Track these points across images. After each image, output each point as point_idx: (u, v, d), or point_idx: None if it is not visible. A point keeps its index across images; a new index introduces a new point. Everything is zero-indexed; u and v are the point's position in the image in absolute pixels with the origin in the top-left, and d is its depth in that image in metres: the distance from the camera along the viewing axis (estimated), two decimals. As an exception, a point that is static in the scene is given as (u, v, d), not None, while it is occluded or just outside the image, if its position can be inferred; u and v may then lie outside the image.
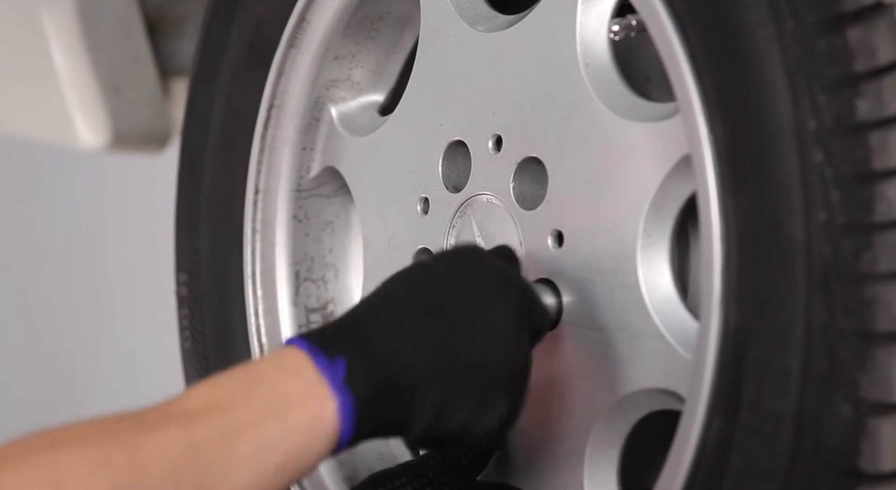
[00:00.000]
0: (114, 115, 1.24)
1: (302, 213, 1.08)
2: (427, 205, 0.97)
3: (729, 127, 0.74)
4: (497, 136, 0.91)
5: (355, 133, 1.05)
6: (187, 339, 1.15)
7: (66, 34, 1.21)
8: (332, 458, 1.02)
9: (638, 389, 0.82)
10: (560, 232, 0.87)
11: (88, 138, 1.24)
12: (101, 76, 1.23)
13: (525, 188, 0.89)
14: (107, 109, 1.24)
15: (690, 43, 0.76)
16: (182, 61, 1.31)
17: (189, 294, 1.14)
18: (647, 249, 0.82)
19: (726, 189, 0.74)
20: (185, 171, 1.14)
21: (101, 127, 1.24)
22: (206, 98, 1.11)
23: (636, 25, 0.82)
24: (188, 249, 1.14)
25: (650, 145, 0.81)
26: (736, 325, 0.74)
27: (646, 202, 0.81)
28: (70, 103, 1.23)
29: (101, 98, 1.23)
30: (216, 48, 1.10)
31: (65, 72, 1.22)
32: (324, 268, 1.09)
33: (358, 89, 1.07)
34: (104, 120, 1.24)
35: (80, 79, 1.22)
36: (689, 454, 0.76)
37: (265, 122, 1.07)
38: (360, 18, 1.04)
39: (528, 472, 0.88)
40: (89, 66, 1.22)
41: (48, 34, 1.21)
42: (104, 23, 1.23)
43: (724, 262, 0.75)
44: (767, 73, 0.71)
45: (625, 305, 0.82)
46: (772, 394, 0.72)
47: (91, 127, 1.24)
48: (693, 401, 0.76)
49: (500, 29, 0.91)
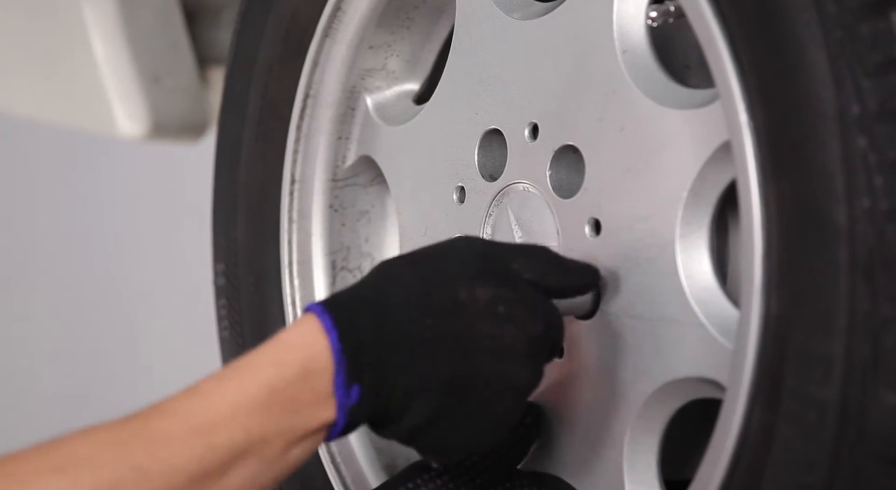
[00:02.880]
0: (152, 104, 1.25)
1: (338, 203, 1.09)
2: (463, 194, 0.97)
3: (770, 113, 0.73)
4: (533, 124, 0.90)
5: (391, 122, 1.05)
6: (225, 329, 1.16)
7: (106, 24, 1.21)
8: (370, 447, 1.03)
9: (677, 378, 0.82)
10: (597, 220, 0.86)
11: (127, 127, 1.25)
12: (141, 65, 1.23)
13: (562, 176, 0.89)
14: (146, 98, 1.24)
15: (730, 28, 0.75)
16: (220, 50, 1.32)
17: (227, 284, 1.15)
18: (686, 238, 0.81)
19: (767, 176, 0.74)
20: (221, 162, 1.14)
21: (140, 116, 1.25)
22: (243, 89, 1.11)
23: (674, 11, 0.81)
24: (225, 239, 1.14)
25: (689, 132, 0.80)
26: (778, 313, 0.73)
27: (684, 190, 0.81)
28: (110, 92, 1.24)
29: (141, 87, 1.24)
30: (252, 39, 1.10)
31: (105, 61, 1.23)
32: (360, 257, 1.09)
33: (393, 78, 1.06)
34: (143, 109, 1.24)
35: (119, 68, 1.23)
36: (731, 443, 0.76)
37: (301, 112, 1.07)
38: (395, 7, 1.04)
39: (568, 461, 0.87)
40: (129, 56, 1.23)
41: (88, 24, 1.22)
42: (143, 13, 1.23)
43: (766, 250, 0.74)
44: (809, 58, 0.70)
45: (663, 294, 0.81)
46: (815, 382, 0.71)
47: (130, 116, 1.25)
48: (734, 389, 0.76)
49: (536, 16, 0.91)
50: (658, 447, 0.84)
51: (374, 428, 0.80)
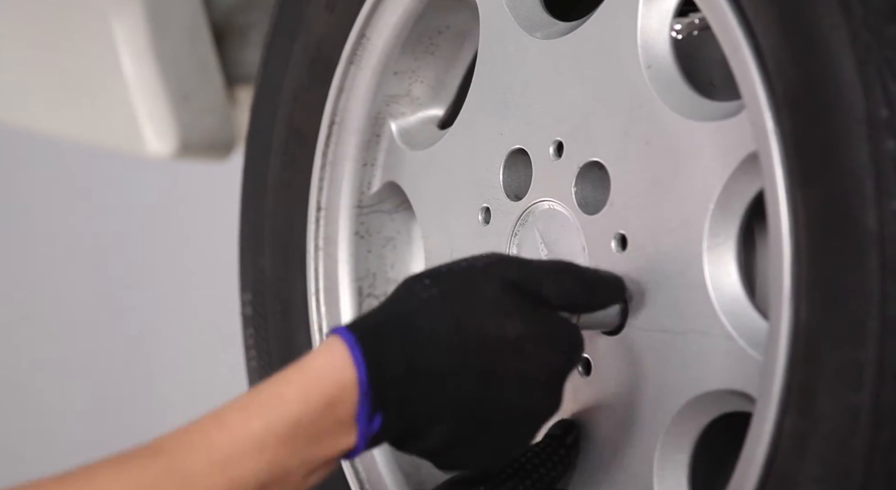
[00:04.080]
0: (181, 123, 1.26)
1: (364, 230, 1.09)
2: (488, 214, 0.97)
3: (797, 120, 0.73)
4: (558, 142, 0.91)
5: (415, 147, 1.05)
6: (253, 359, 1.16)
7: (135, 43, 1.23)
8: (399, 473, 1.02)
9: (706, 391, 0.81)
10: (623, 235, 0.86)
11: (156, 146, 1.26)
12: (170, 84, 1.25)
13: (587, 193, 0.89)
14: (174, 117, 1.25)
15: (755, 37, 0.75)
16: (248, 69, 1.33)
17: (254, 313, 1.15)
18: (714, 249, 0.81)
19: (795, 183, 0.73)
20: (248, 191, 1.15)
21: (168, 135, 1.26)
22: (268, 117, 1.12)
23: (699, 23, 0.82)
24: (252, 268, 1.15)
25: (714, 144, 0.80)
26: (807, 321, 0.73)
27: (711, 202, 0.80)
28: (138, 111, 1.25)
29: (169, 106, 1.25)
30: (277, 67, 1.11)
31: (134, 80, 1.24)
32: (386, 283, 1.09)
33: (417, 104, 1.07)
34: (172, 128, 1.25)
35: (148, 87, 1.24)
36: (762, 454, 0.75)
37: (326, 139, 1.08)
38: (418, 33, 1.05)
39: (597, 478, 0.87)
40: (158, 75, 1.24)
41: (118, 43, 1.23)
42: (172, 32, 1.25)
43: (794, 258, 0.74)
44: (837, 63, 0.70)
45: (691, 306, 0.81)
46: (847, 388, 0.71)
47: (159, 135, 1.26)
48: (764, 400, 0.75)
49: (559, 35, 0.92)
50: (688, 463, 0.84)
51: (392, 444, 0.80)
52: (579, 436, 0.87)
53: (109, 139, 1.31)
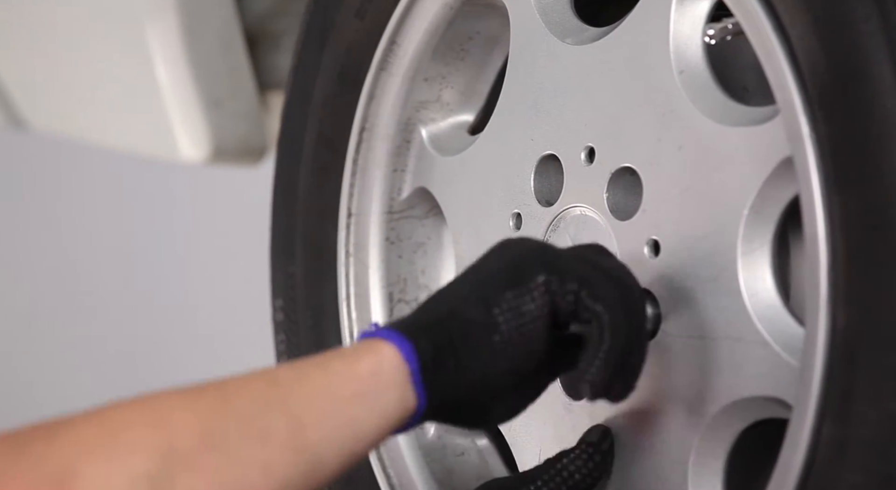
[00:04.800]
0: (214, 128, 1.26)
1: (394, 235, 1.09)
2: (519, 220, 0.97)
3: (833, 125, 0.73)
4: (589, 147, 0.91)
5: (446, 153, 1.05)
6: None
7: (169, 49, 1.23)
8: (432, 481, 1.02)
9: (741, 398, 0.81)
10: (657, 241, 0.86)
11: (189, 151, 1.26)
12: (203, 90, 1.25)
13: (619, 199, 0.89)
14: (207, 123, 1.26)
15: (790, 42, 0.75)
16: (280, 75, 1.34)
17: (285, 319, 1.15)
18: (748, 255, 0.80)
19: (831, 188, 0.73)
20: (279, 197, 1.15)
21: (201, 140, 1.26)
22: (299, 124, 1.13)
23: (732, 28, 0.82)
24: (283, 274, 1.15)
25: (748, 150, 0.80)
26: (845, 327, 0.72)
27: (745, 207, 0.80)
28: (172, 117, 1.26)
29: (203, 111, 1.25)
30: (308, 74, 1.12)
31: (167, 86, 1.24)
32: (417, 289, 1.09)
33: (448, 110, 1.07)
34: (205, 133, 1.26)
35: (182, 93, 1.24)
36: (799, 462, 0.75)
37: (357, 145, 1.08)
38: (449, 39, 1.05)
39: (632, 485, 0.86)
40: (191, 80, 1.24)
41: (152, 49, 1.24)
42: (206, 38, 1.25)
43: (831, 264, 0.73)
44: (874, 68, 0.70)
45: (726, 312, 0.81)
46: (886, 395, 0.70)
47: (192, 140, 1.26)
48: (801, 407, 0.75)
49: (591, 41, 0.91)
50: (723, 469, 0.83)
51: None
52: (614, 442, 0.87)
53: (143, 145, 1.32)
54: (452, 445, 1.04)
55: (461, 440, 1.04)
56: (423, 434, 1.04)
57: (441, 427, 1.04)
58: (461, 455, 1.04)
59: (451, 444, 1.04)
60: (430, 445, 1.04)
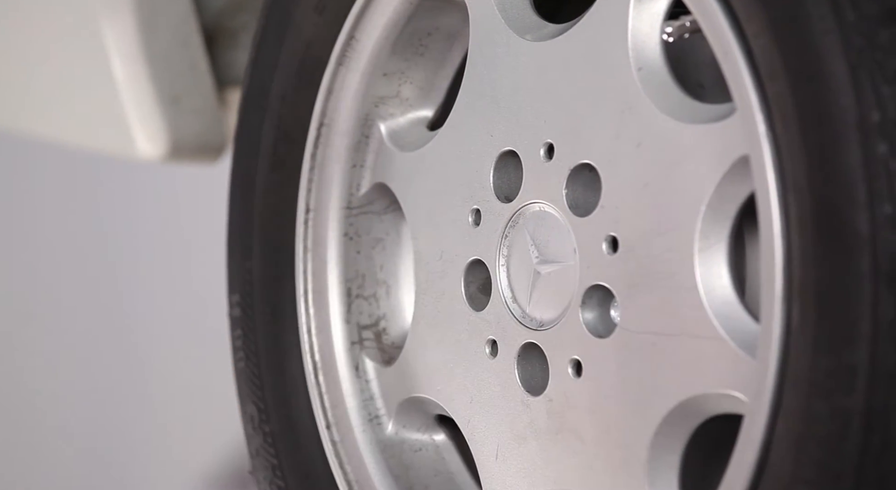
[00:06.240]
0: (171, 125, 1.25)
1: (353, 231, 1.09)
2: (479, 216, 0.97)
3: (788, 123, 0.73)
4: (549, 143, 0.91)
5: (405, 149, 1.05)
6: (241, 360, 1.15)
7: (126, 45, 1.22)
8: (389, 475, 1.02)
9: (697, 394, 0.81)
10: (615, 237, 0.86)
11: (146, 148, 1.25)
12: (160, 86, 1.24)
13: (578, 195, 0.89)
14: (165, 119, 1.25)
15: (746, 40, 0.75)
16: (238, 71, 1.33)
17: (242, 315, 1.15)
18: (705, 252, 0.81)
19: (786, 186, 0.74)
20: (236, 192, 1.14)
21: (158, 137, 1.25)
22: (257, 119, 1.12)
23: (690, 25, 0.82)
24: (241, 270, 1.14)
25: (706, 147, 0.81)
26: (799, 324, 0.73)
27: (702, 204, 0.81)
28: (129, 114, 1.25)
29: (160, 108, 1.24)
30: (266, 69, 1.11)
31: (124, 82, 1.23)
32: (375, 285, 1.09)
33: (407, 105, 1.07)
34: (162, 130, 1.25)
35: (138, 89, 1.24)
36: (752, 457, 0.75)
37: (315, 140, 1.08)
38: (408, 35, 1.04)
39: (588, 481, 0.87)
40: (148, 77, 1.23)
41: (108, 45, 1.23)
42: (163, 34, 1.24)
43: (786, 261, 0.74)
44: (828, 66, 0.71)
45: (682, 309, 0.81)
46: (838, 391, 0.71)
47: (149, 137, 1.25)
48: (756, 402, 0.75)
49: (550, 37, 0.92)
50: (679, 465, 0.84)
51: None
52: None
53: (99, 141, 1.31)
54: (410, 441, 1.04)
55: (419, 436, 1.04)
56: (380, 430, 1.04)
57: (398, 423, 1.04)
58: (418, 451, 1.04)
59: (409, 440, 1.04)
60: (387, 441, 1.04)
